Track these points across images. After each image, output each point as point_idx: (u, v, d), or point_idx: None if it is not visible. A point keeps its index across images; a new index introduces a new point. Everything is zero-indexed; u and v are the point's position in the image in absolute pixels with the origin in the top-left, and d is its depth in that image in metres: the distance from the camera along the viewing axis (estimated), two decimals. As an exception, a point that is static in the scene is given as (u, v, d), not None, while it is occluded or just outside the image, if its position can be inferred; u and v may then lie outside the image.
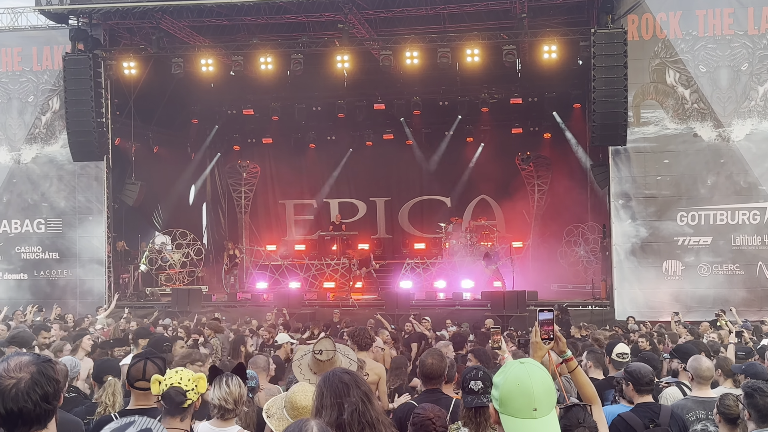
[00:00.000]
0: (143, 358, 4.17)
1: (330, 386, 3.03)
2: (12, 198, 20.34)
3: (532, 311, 16.96)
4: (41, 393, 2.26)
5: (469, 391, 4.23)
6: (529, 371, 2.40)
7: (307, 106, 23.94)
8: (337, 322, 15.94)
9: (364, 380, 3.12)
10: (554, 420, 2.39)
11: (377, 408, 3.05)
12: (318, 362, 4.81)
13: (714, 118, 17.70)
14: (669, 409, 5.22)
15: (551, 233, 23.14)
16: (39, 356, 2.36)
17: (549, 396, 2.39)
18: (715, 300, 17.06)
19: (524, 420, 2.34)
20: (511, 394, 2.38)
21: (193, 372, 3.73)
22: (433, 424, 3.62)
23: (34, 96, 20.29)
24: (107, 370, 5.53)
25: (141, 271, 21.96)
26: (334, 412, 2.95)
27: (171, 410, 3.54)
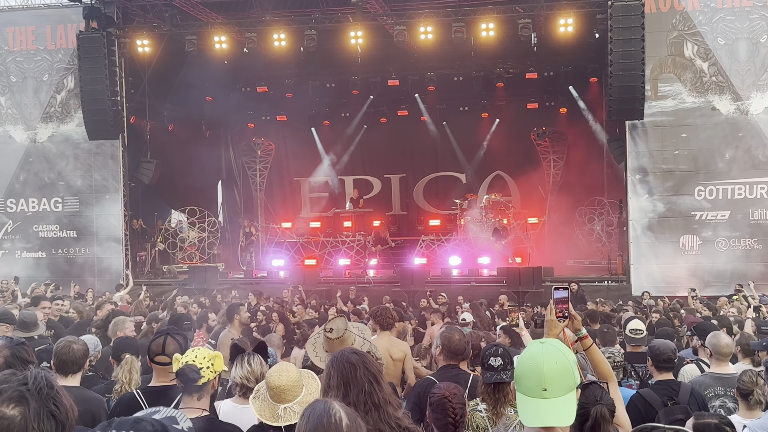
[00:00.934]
0: (164, 334, 4.19)
1: (337, 367, 3.02)
2: (29, 177, 20.48)
3: (548, 287, 16.94)
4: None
5: (489, 367, 4.23)
6: (544, 351, 2.38)
7: (320, 82, 23.85)
8: (353, 299, 16.01)
9: (373, 361, 3.11)
10: (567, 403, 2.34)
11: (385, 389, 3.04)
12: (329, 340, 4.82)
13: (732, 91, 17.48)
14: (689, 386, 5.19)
15: (567, 209, 23.01)
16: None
17: (562, 378, 2.35)
18: (732, 275, 16.96)
19: (534, 399, 2.33)
20: (524, 372, 2.38)
21: (211, 350, 3.73)
22: (450, 402, 3.61)
23: (48, 75, 20.35)
24: (125, 347, 5.56)
25: (158, 249, 22.09)
26: (340, 392, 2.94)
27: (187, 388, 3.54)
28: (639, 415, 4.68)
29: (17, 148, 20.45)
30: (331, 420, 2.19)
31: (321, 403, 2.29)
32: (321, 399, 2.39)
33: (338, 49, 20.18)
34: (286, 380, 3.55)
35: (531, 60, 21.92)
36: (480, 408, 4.23)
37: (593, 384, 3.34)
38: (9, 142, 20.46)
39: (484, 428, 4.16)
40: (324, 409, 2.22)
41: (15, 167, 20.44)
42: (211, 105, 24.19)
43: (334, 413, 2.21)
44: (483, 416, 4.18)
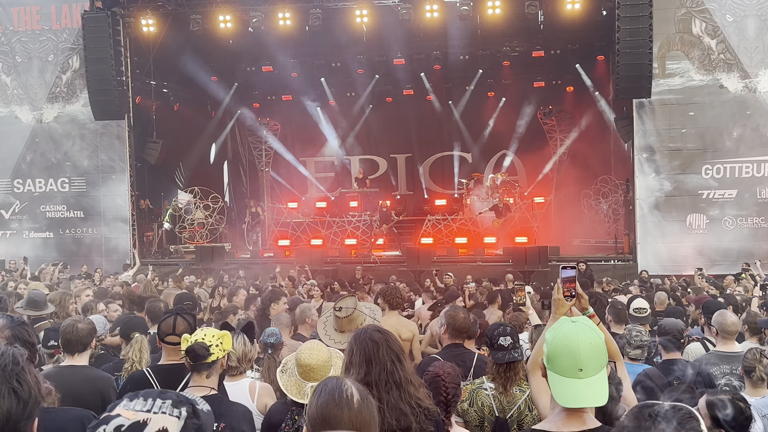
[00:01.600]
0: (174, 314, 4.22)
1: (360, 344, 3.03)
2: (35, 157, 20.51)
3: (554, 266, 16.96)
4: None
5: (499, 347, 4.24)
6: (578, 330, 2.40)
7: (326, 62, 23.75)
8: (360, 278, 16.05)
9: (396, 340, 3.11)
10: (601, 380, 2.38)
11: (407, 368, 3.04)
12: (338, 319, 4.85)
13: (740, 69, 17.35)
14: (696, 366, 5.20)
15: (574, 188, 22.96)
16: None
17: (597, 357, 2.39)
18: (739, 253, 16.93)
19: (569, 379, 2.36)
20: (558, 352, 2.39)
21: (218, 330, 3.77)
22: (443, 381, 3.62)
23: (54, 55, 20.31)
24: (134, 326, 5.61)
25: (165, 229, 22.16)
26: (362, 370, 2.95)
27: (196, 366, 3.58)
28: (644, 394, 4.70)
29: (23, 128, 20.47)
30: (342, 396, 2.21)
31: (333, 379, 2.31)
32: (334, 376, 2.41)
33: (343, 28, 20.07)
34: (316, 359, 3.66)
35: (537, 38, 21.78)
36: (486, 386, 4.25)
37: None
38: (15, 122, 20.47)
39: (489, 406, 4.18)
40: (336, 386, 2.24)
41: (21, 148, 20.47)
42: (217, 85, 24.12)
43: (346, 389, 2.23)
44: (488, 394, 4.20)
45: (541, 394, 3.20)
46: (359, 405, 2.20)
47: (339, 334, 4.78)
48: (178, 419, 1.48)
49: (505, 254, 18.87)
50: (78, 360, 4.45)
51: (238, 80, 24.58)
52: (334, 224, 22.24)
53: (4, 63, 20.53)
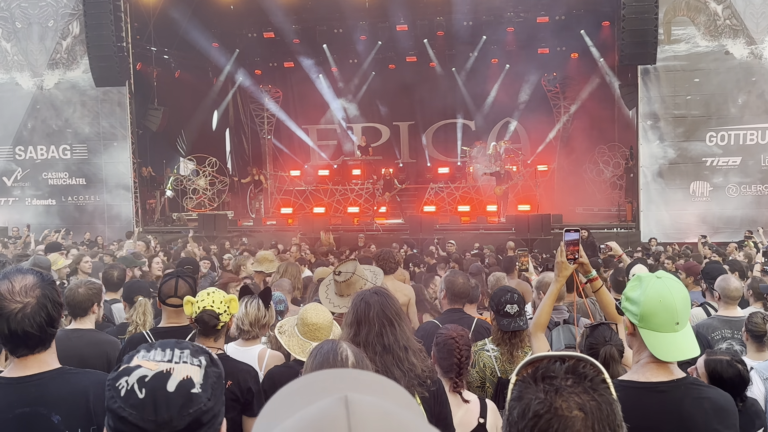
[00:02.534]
0: (174, 276, 4.22)
1: (354, 305, 3.02)
2: (36, 124, 20.44)
3: (557, 234, 16.96)
4: (46, 318, 2.28)
5: (505, 315, 4.24)
6: (668, 286, 2.45)
7: (328, 28, 23.52)
8: (362, 246, 16.07)
9: (394, 303, 3.06)
10: (690, 329, 2.48)
11: (401, 333, 2.99)
12: (337, 283, 4.84)
13: (746, 35, 17.16)
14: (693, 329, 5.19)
15: (577, 156, 22.87)
16: (42, 276, 2.34)
17: (687, 309, 2.47)
18: (742, 221, 16.92)
19: (668, 334, 2.42)
20: (654, 310, 2.43)
21: (224, 293, 3.76)
22: (457, 343, 3.62)
23: (54, 21, 20.12)
24: (137, 290, 5.62)
25: (167, 197, 22.16)
26: (352, 330, 2.94)
27: (204, 332, 3.60)
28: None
29: (24, 95, 20.37)
30: (337, 357, 2.21)
31: (329, 342, 2.31)
32: (331, 339, 2.41)
33: (346, -7, 19.85)
34: (322, 319, 3.73)
35: (542, 4, 21.53)
36: (487, 348, 4.26)
37: (602, 325, 3.36)
38: (16, 89, 20.37)
39: (491, 367, 4.19)
40: (331, 348, 2.25)
41: (22, 114, 20.39)
42: (218, 51, 23.94)
43: (341, 351, 2.23)
44: (490, 356, 4.21)
45: None
46: (353, 367, 2.20)
47: (339, 298, 4.78)
48: (200, 368, 1.48)
49: (507, 222, 18.86)
50: (83, 323, 4.47)
51: (239, 46, 24.38)
52: (336, 192, 22.23)
53: (3, 29, 20.36)
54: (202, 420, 1.43)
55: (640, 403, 1.85)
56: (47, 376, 2.31)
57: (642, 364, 2.50)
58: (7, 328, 2.23)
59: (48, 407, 2.27)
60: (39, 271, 2.39)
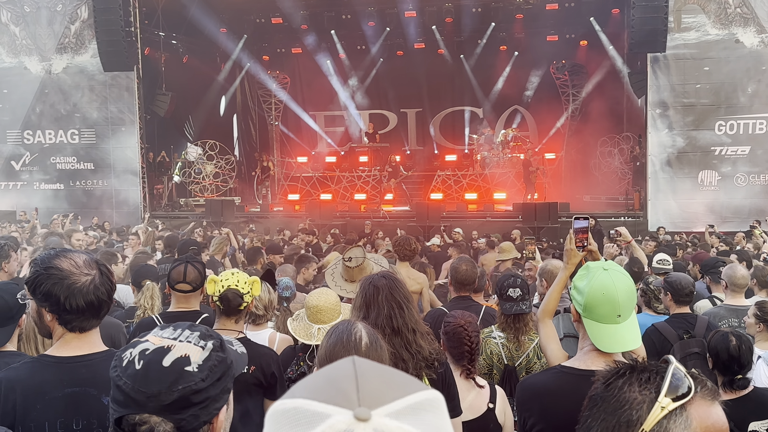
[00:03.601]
0: (184, 262, 4.23)
1: (363, 288, 3.04)
2: (45, 108, 20.46)
3: (564, 222, 16.94)
4: (109, 287, 2.38)
5: (508, 299, 4.26)
6: (613, 278, 2.46)
7: (336, 14, 23.43)
8: (369, 233, 16.09)
9: (403, 287, 3.08)
10: (635, 321, 2.48)
11: (410, 316, 3.00)
12: (348, 269, 4.85)
13: (757, 24, 17.05)
14: (705, 320, 5.18)
15: (585, 144, 22.80)
16: (91, 253, 2.42)
17: (631, 301, 2.48)
18: (750, 210, 16.87)
19: (609, 325, 2.44)
20: (597, 301, 2.45)
21: (248, 275, 3.77)
22: (465, 330, 3.64)
23: (62, 5, 20.11)
24: (145, 274, 5.64)
25: (175, 182, 22.20)
26: (361, 313, 2.96)
27: (227, 311, 3.60)
28: (654, 348, 4.69)
29: (33, 79, 20.39)
30: (351, 338, 2.22)
31: (345, 323, 2.33)
32: (347, 320, 2.42)
33: (354, -21, 19.77)
34: (324, 302, 3.74)
35: (552, -10, 21.40)
36: (495, 335, 4.28)
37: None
38: (24, 73, 20.39)
39: (498, 354, 4.21)
40: (345, 329, 2.26)
41: (31, 99, 20.41)
42: (226, 37, 23.90)
43: (356, 332, 2.25)
44: (497, 342, 4.23)
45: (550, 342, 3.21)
46: (367, 348, 2.22)
47: (348, 284, 4.79)
48: (202, 349, 1.49)
49: (514, 210, 18.84)
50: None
51: (247, 32, 24.32)
52: (343, 179, 22.23)
53: (12, 13, 20.36)
54: (192, 399, 1.44)
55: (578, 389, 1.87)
56: (98, 357, 2.36)
57: (585, 351, 2.53)
58: (84, 300, 2.29)
59: (98, 388, 2.31)
60: (90, 253, 2.46)
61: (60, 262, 2.31)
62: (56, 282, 2.28)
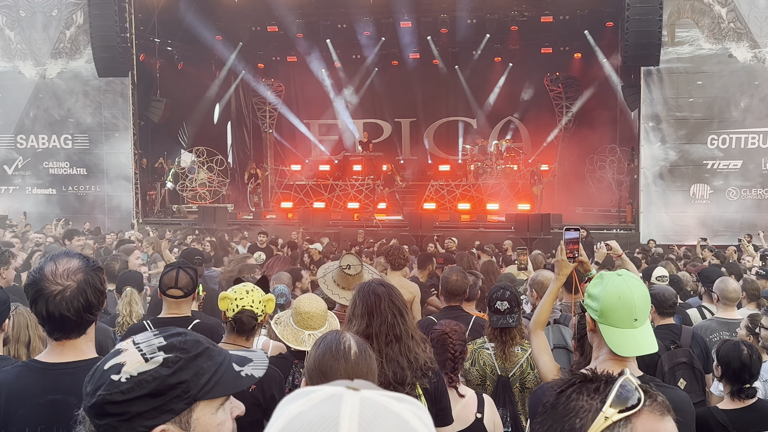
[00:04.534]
0: (176, 267, 4.22)
1: (363, 297, 3.05)
2: (38, 113, 20.42)
3: (557, 234, 16.97)
4: (84, 304, 2.29)
5: (495, 311, 4.26)
6: (628, 283, 2.49)
7: (332, 23, 23.46)
8: (362, 242, 16.08)
9: (399, 295, 3.12)
10: (650, 327, 2.51)
11: (409, 323, 3.05)
12: (347, 277, 4.84)
13: (750, 39, 17.17)
14: (690, 330, 5.23)
15: (578, 156, 22.87)
16: (88, 261, 2.35)
17: (647, 306, 2.51)
18: (742, 224, 16.93)
19: (626, 330, 2.46)
20: (613, 306, 2.47)
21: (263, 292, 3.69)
22: (450, 338, 3.66)
23: (58, 10, 20.11)
24: (126, 280, 5.61)
25: (167, 189, 22.16)
26: (364, 321, 2.98)
27: (240, 331, 3.52)
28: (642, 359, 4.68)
29: (27, 83, 20.35)
30: (340, 348, 2.23)
31: (333, 332, 2.34)
32: (335, 329, 2.43)
33: (350, -12, 19.83)
34: (315, 308, 3.74)
35: (546, 3, 21.52)
36: (487, 346, 4.28)
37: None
38: (19, 77, 20.35)
39: (491, 365, 4.21)
40: (334, 338, 2.27)
41: (25, 103, 20.38)
42: (221, 44, 23.92)
43: (344, 341, 2.25)
44: (490, 354, 4.23)
45: (542, 354, 3.22)
46: (356, 357, 2.22)
47: (342, 290, 4.79)
48: (145, 362, 1.40)
49: (507, 221, 18.86)
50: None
51: (242, 40, 24.34)
52: (337, 187, 22.22)
53: (7, 17, 20.34)
54: (107, 409, 1.38)
55: None
56: (82, 365, 2.29)
57: (601, 360, 2.54)
58: (45, 310, 2.26)
59: (78, 397, 2.27)
60: (87, 256, 2.40)
61: (46, 268, 2.29)
62: (33, 288, 2.27)
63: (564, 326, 4.84)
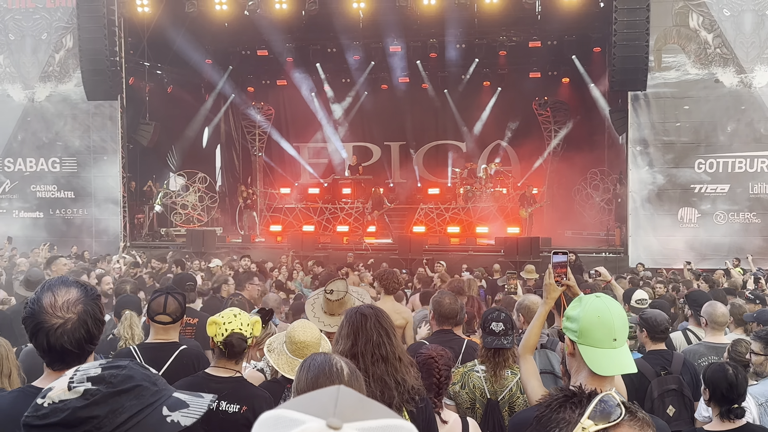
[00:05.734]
0: (164, 293, 4.19)
1: (349, 318, 3.05)
2: (26, 136, 20.35)
3: (546, 257, 16.98)
4: (86, 335, 2.27)
5: (490, 332, 4.23)
6: (607, 304, 2.51)
7: (321, 47, 23.60)
8: (351, 263, 16.04)
9: (388, 317, 3.10)
10: (627, 348, 2.52)
11: (396, 344, 3.03)
12: (329, 302, 4.82)
13: (736, 64, 17.37)
14: (681, 356, 5.20)
15: (567, 180, 22.99)
16: (87, 291, 2.31)
17: (625, 327, 2.52)
18: (730, 248, 17.01)
19: (605, 350, 2.47)
20: (592, 325, 2.49)
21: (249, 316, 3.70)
22: (436, 362, 3.63)
23: (47, 33, 20.12)
24: (125, 304, 5.60)
25: (156, 212, 22.07)
26: (349, 341, 2.96)
27: (230, 355, 3.53)
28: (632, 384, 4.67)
29: (15, 107, 20.30)
30: (332, 369, 2.21)
31: (321, 355, 2.31)
32: (321, 352, 2.41)
33: (340, 13, 19.98)
34: (310, 337, 3.72)
35: (535, 28, 21.69)
36: (477, 369, 4.25)
37: None
38: (7, 101, 20.30)
39: (481, 388, 4.18)
40: (325, 360, 2.25)
41: (13, 126, 20.30)
42: (211, 68, 23.99)
43: (335, 363, 2.23)
44: (480, 377, 4.20)
45: (530, 378, 3.20)
46: (349, 378, 2.21)
47: (328, 317, 4.75)
48: (68, 391, 1.39)
49: (496, 244, 18.88)
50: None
51: (232, 63, 24.42)
52: (326, 211, 22.20)
53: (-4, 40, 20.35)
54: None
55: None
56: None
57: (581, 379, 2.53)
58: (46, 343, 2.22)
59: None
60: (84, 284, 2.37)
61: (44, 300, 2.25)
62: (32, 321, 2.24)
63: (551, 351, 4.82)
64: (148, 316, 4.20)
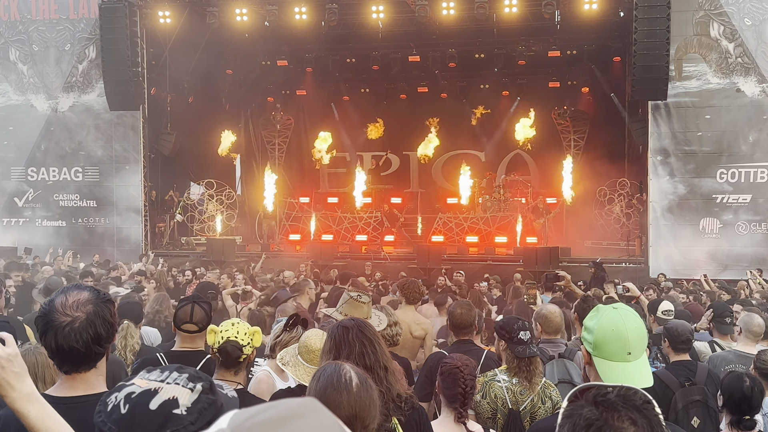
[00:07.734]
0: (191, 302, 4.23)
1: (331, 333, 3.03)
2: (49, 146, 20.60)
3: (565, 267, 16.88)
4: (93, 335, 2.27)
5: (519, 342, 4.17)
6: (623, 316, 2.48)
7: (341, 57, 23.74)
8: (369, 274, 16.04)
9: (371, 327, 3.08)
10: (646, 362, 2.48)
11: (381, 353, 2.99)
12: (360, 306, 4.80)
13: (758, 73, 17.24)
14: (706, 367, 5.16)
15: (587, 189, 22.85)
16: (99, 294, 2.34)
17: (642, 340, 2.48)
18: (752, 259, 16.83)
19: (618, 363, 2.44)
20: (606, 338, 2.46)
21: (249, 325, 3.74)
22: (461, 372, 3.62)
23: (70, 44, 20.39)
24: (124, 313, 5.59)
25: (176, 221, 22.23)
26: (332, 354, 2.93)
27: (226, 363, 3.57)
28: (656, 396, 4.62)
29: (39, 117, 20.56)
30: (341, 380, 2.21)
31: (332, 365, 2.31)
32: (332, 362, 2.41)
33: (359, 23, 20.09)
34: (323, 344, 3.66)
35: (554, 38, 21.69)
36: (498, 378, 4.23)
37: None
38: (31, 111, 20.57)
39: (502, 398, 4.17)
40: (334, 370, 2.25)
41: (36, 136, 20.57)
42: (232, 78, 24.17)
43: (345, 373, 2.24)
44: (501, 387, 4.18)
45: None
46: (358, 389, 2.21)
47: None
48: (191, 392, 1.45)
49: (515, 254, 18.81)
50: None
51: (253, 74, 24.59)
52: (345, 220, 22.25)
53: (21, 51, 20.63)
54: None
55: None
56: (92, 399, 2.25)
57: None
58: (54, 342, 2.24)
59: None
60: (98, 289, 2.40)
61: (56, 300, 2.28)
62: (43, 320, 2.27)
63: (569, 360, 4.80)
64: (174, 325, 4.24)
